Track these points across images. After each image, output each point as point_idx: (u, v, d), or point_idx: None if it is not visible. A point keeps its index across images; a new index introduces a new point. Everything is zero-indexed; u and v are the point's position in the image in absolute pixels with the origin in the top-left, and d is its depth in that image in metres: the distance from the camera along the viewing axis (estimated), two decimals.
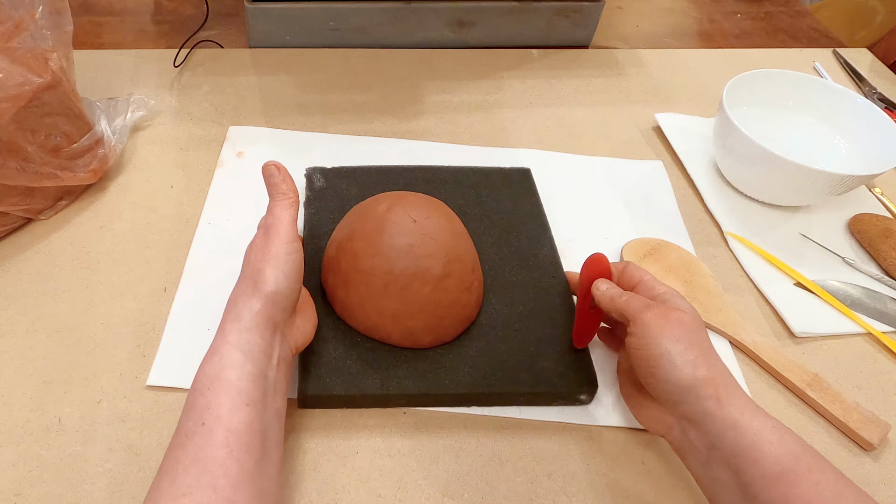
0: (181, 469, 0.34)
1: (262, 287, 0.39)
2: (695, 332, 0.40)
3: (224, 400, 0.36)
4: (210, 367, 0.37)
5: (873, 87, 0.81)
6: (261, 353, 0.38)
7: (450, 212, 0.50)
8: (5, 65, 0.48)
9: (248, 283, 0.40)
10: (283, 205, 0.43)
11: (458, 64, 0.78)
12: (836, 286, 0.57)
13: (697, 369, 0.38)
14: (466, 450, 0.45)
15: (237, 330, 0.38)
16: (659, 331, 0.39)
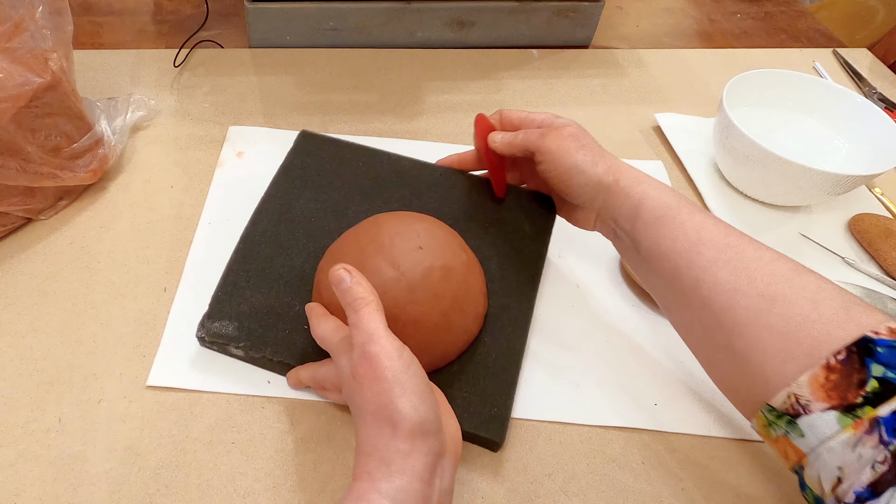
0: None
1: (402, 424, 0.33)
2: (585, 138, 0.48)
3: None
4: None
5: (873, 87, 0.81)
6: (419, 499, 0.33)
7: (452, 249, 0.46)
8: (5, 65, 0.48)
9: (382, 424, 0.34)
10: (368, 314, 0.36)
11: (458, 64, 0.78)
12: None
13: (598, 165, 0.46)
14: (466, 451, 0.45)
15: (387, 475, 0.33)
16: (560, 150, 0.47)
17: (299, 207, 0.53)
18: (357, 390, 0.35)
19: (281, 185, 0.55)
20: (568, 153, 0.47)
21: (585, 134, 0.48)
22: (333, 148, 0.58)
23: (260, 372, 0.47)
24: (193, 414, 0.45)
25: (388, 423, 0.33)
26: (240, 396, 0.46)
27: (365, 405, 0.35)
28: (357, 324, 0.36)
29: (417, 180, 0.56)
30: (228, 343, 0.46)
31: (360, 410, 0.35)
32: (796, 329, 0.35)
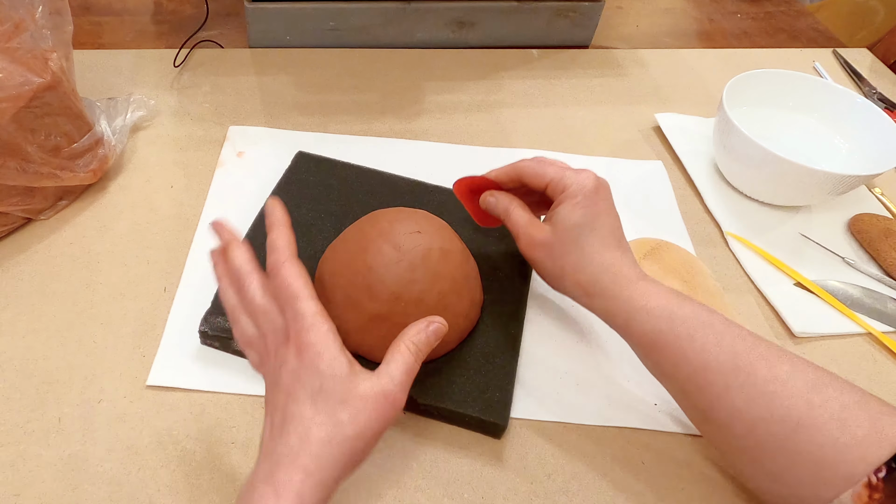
0: None
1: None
2: (558, 247, 0.44)
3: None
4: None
5: (873, 87, 0.81)
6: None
7: (449, 236, 0.48)
8: (5, 65, 0.48)
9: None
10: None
11: (458, 64, 0.78)
12: (836, 286, 0.57)
13: (566, 278, 0.44)
14: (466, 450, 0.45)
15: (316, 485, 0.32)
16: (529, 260, 0.46)
17: (298, 216, 0.55)
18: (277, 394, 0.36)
19: (279, 198, 0.55)
20: (538, 264, 0.46)
21: (565, 236, 0.43)
22: (329, 167, 0.60)
23: None
24: (193, 414, 0.45)
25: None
26: (240, 396, 0.46)
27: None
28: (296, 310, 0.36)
29: (411, 195, 0.58)
30: (231, 337, 0.46)
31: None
32: (829, 456, 0.34)
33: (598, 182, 0.44)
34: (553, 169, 0.45)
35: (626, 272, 0.42)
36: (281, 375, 0.35)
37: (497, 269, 0.53)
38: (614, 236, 0.44)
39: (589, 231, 0.43)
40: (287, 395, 0.35)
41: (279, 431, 0.34)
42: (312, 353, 0.35)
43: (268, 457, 0.34)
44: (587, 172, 0.44)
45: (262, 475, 0.33)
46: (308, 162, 0.60)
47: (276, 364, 0.36)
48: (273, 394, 0.36)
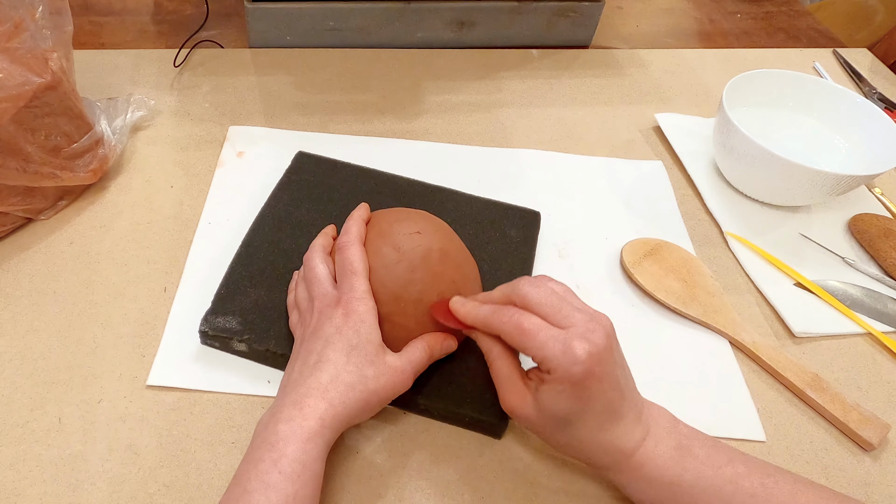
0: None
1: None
2: (542, 427, 0.39)
3: (311, 493, 0.36)
4: (302, 452, 0.36)
5: (873, 87, 0.81)
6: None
7: (449, 236, 0.48)
8: (5, 65, 0.48)
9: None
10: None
11: (458, 64, 0.78)
12: (836, 286, 0.57)
13: (556, 447, 0.41)
14: (466, 450, 0.45)
15: (335, 417, 0.38)
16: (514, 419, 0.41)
17: (298, 216, 0.55)
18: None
19: (280, 198, 0.57)
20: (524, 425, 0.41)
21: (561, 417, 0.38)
22: (329, 167, 0.60)
23: (260, 371, 0.47)
24: (193, 414, 0.45)
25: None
26: (240, 396, 0.46)
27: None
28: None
29: (411, 195, 0.58)
30: (231, 337, 0.46)
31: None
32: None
33: (590, 365, 0.35)
34: (537, 340, 0.36)
35: (623, 446, 0.38)
36: (324, 327, 0.41)
37: (497, 269, 0.53)
38: (609, 411, 0.38)
39: (577, 417, 0.37)
40: (326, 342, 0.40)
41: (311, 370, 0.39)
42: (356, 318, 0.41)
43: (296, 387, 0.39)
44: (579, 348, 0.35)
45: (289, 400, 0.38)
46: (308, 162, 0.60)
47: (321, 320, 0.42)
48: (311, 342, 0.41)
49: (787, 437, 0.48)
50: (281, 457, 0.36)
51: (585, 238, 0.60)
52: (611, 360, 0.37)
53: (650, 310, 0.55)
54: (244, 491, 0.35)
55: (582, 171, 0.67)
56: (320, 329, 0.41)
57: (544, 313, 0.37)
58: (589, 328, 0.36)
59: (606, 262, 0.58)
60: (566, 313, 0.37)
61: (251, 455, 0.37)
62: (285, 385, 0.40)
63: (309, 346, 0.41)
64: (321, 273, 0.44)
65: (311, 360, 0.40)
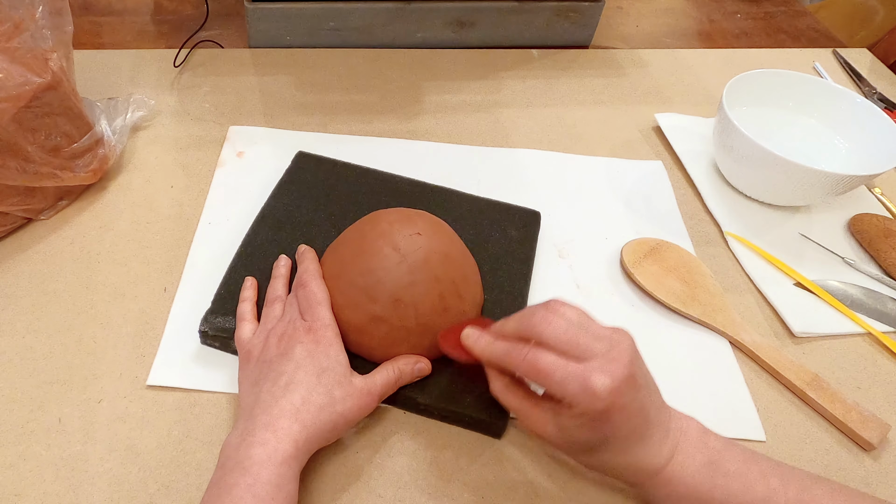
0: None
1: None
2: (565, 449, 0.39)
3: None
4: (277, 476, 0.36)
5: (873, 87, 0.81)
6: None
7: (449, 237, 0.48)
8: (5, 65, 0.48)
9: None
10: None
11: (458, 64, 0.78)
12: (836, 286, 0.57)
13: (580, 462, 0.41)
14: (466, 450, 0.45)
15: (307, 440, 0.39)
16: (551, 442, 0.39)
17: (298, 217, 0.55)
18: None
19: (280, 198, 0.57)
20: (556, 447, 0.41)
21: (584, 445, 0.38)
22: (329, 167, 0.60)
23: None
24: (193, 414, 0.45)
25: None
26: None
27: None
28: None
29: (411, 195, 0.58)
30: (231, 337, 0.46)
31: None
32: None
33: (611, 400, 0.34)
34: (556, 375, 0.35)
35: (650, 464, 0.38)
36: (294, 350, 0.42)
37: (497, 269, 0.53)
38: (635, 435, 0.37)
39: (603, 445, 0.37)
40: (297, 365, 0.41)
41: (283, 391, 0.40)
42: (325, 343, 0.42)
43: (268, 409, 0.39)
44: (599, 383, 0.34)
45: (261, 422, 0.38)
46: (308, 162, 0.60)
47: (291, 343, 0.42)
48: (281, 364, 0.41)
49: (787, 437, 0.48)
50: (255, 482, 0.36)
51: (585, 238, 0.60)
52: (633, 388, 0.35)
53: (650, 310, 0.55)
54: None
55: (582, 171, 0.67)
56: (290, 352, 0.42)
57: (561, 349, 0.36)
58: (609, 358, 0.35)
59: (606, 262, 0.58)
60: (584, 346, 0.36)
61: (224, 479, 0.36)
62: (253, 406, 0.40)
63: (279, 367, 0.41)
64: (275, 307, 0.46)
65: (282, 382, 0.40)
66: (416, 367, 0.45)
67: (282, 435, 0.38)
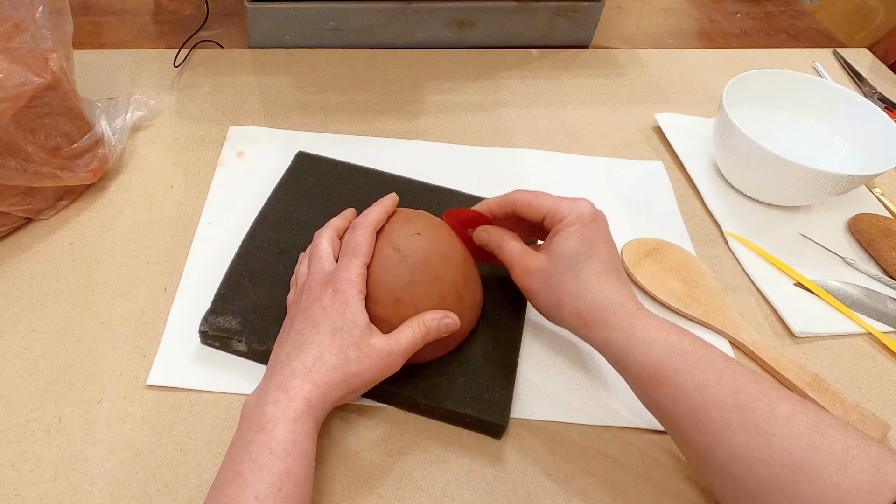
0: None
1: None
2: (555, 275, 0.43)
3: (303, 469, 0.37)
4: (291, 432, 0.37)
5: (873, 87, 0.81)
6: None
7: (449, 237, 0.48)
8: (5, 65, 0.48)
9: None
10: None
11: (458, 64, 0.78)
12: (836, 286, 0.57)
13: (563, 307, 0.43)
14: (466, 450, 0.45)
15: (321, 398, 0.39)
16: (524, 290, 0.45)
17: (298, 217, 0.55)
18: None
19: (280, 197, 0.57)
20: (530, 294, 0.45)
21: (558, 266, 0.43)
22: (329, 167, 0.60)
23: (260, 371, 0.47)
24: (193, 414, 0.45)
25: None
26: (240, 396, 0.46)
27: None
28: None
29: (411, 195, 0.58)
30: (231, 337, 0.46)
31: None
32: (829, 501, 0.33)
33: (596, 211, 0.44)
34: (549, 200, 0.44)
35: (625, 303, 0.42)
36: (313, 308, 0.42)
37: (497, 268, 0.53)
38: (613, 266, 0.43)
39: (586, 259, 0.42)
40: (314, 325, 0.41)
41: (297, 352, 0.40)
42: (342, 300, 0.41)
43: (282, 370, 0.40)
44: (584, 201, 0.44)
45: (275, 383, 0.39)
46: (308, 162, 0.60)
47: (310, 299, 0.42)
48: (300, 322, 0.42)
49: None
50: (270, 438, 0.37)
51: None
52: (608, 226, 0.44)
53: (650, 309, 0.54)
54: (237, 473, 0.36)
55: (582, 171, 0.67)
56: (309, 310, 0.42)
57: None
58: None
59: None
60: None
61: (241, 437, 0.37)
62: (272, 366, 0.41)
63: (298, 326, 0.42)
64: (323, 250, 0.45)
65: (298, 342, 0.41)
66: (442, 323, 0.43)
67: (293, 394, 0.38)
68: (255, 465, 0.36)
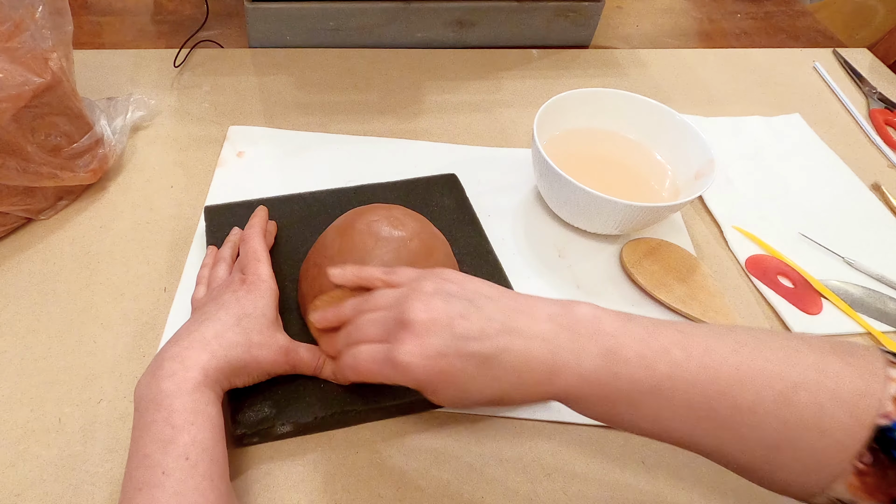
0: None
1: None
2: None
3: (209, 434, 0.36)
4: (192, 401, 0.37)
5: (873, 87, 0.81)
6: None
7: (424, 223, 0.48)
8: (5, 65, 0.48)
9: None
10: None
11: (458, 64, 0.78)
12: (836, 286, 0.57)
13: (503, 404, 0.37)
14: (466, 450, 0.45)
15: (217, 369, 0.39)
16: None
17: None
18: None
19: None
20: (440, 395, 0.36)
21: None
22: (246, 210, 0.54)
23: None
24: None
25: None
26: None
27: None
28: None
29: (335, 203, 0.56)
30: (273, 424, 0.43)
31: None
32: (810, 465, 0.32)
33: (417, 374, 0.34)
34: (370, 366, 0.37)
35: (539, 378, 0.34)
36: (224, 295, 0.43)
37: (456, 238, 0.54)
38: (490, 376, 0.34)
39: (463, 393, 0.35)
40: (220, 305, 0.42)
41: (197, 325, 0.40)
42: (256, 294, 0.43)
43: (177, 342, 0.39)
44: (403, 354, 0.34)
45: (169, 355, 0.38)
46: (220, 214, 0.55)
47: (222, 290, 0.44)
48: (209, 305, 0.43)
49: None
50: (171, 413, 0.36)
51: (585, 238, 0.60)
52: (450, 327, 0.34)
53: (650, 310, 0.55)
54: (144, 456, 0.35)
55: None
56: (220, 297, 0.43)
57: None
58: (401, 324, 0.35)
59: (606, 262, 0.58)
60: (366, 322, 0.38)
61: (140, 420, 0.37)
62: (169, 342, 0.40)
63: (203, 308, 0.43)
64: (220, 269, 0.48)
65: (200, 318, 0.41)
66: (328, 370, 0.44)
67: (189, 363, 0.38)
68: (160, 442, 0.35)
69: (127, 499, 0.34)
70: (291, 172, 0.62)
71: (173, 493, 0.34)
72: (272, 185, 0.61)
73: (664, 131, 0.62)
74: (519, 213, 0.61)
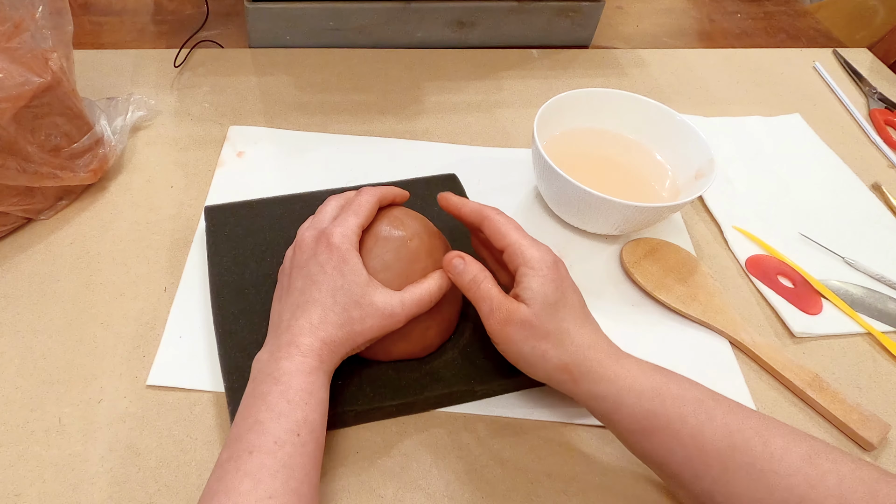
0: (267, 474, 0.35)
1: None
2: (539, 326, 0.40)
3: (318, 417, 0.38)
4: (308, 383, 0.39)
5: (873, 87, 0.81)
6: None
7: (424, 223, 0.48)
8: (5, 65, 0.48)
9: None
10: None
11: (458, 64, 0.78)
12: (836, 286, 0.57)
13: (548, 361, 0.40)
14: (466, 450, 0.45)
15: (331, 353, 0.40)
16: (503, 340, 0.41)
17: (251, 274, 0.51)
18: None
19: (220, 264, 0.52)
20: (509, 344, 0.41)
21: (543, 313, 0.40)
22: (247, 210, 0.55)
23: None
24: (193, 414, 0.45)
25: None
26: None
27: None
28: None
29: None
30: None
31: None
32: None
33: (557, 257, 0.43)
34: (514, 235, 0.43)
35: (608, 349, 0.40)
36: (309, 265, 0.42)
37: (455, 239, 0.53)
38: (585, 312, 0.42)
39: (563, 307, 0.41)
40: (313, 282, 0.42)
41: (301, 311, 0.41)
42: (339, 257, 0.42)
43: (288, 328, 0.41)
44: (545, 246, 0.43)
45: (284, 341, 0.40)
46: (221, 214, 0.55)
47: (307, 255, 0.43)
48: (300, 280, 0.42)
49: None
50: (287, 388, 0.38)
51: (585, 238, 0.60)
52: (567, 271, 0.44)
53: (650, 310, 0.55)
54: (256, 421, 0.36)
55: None
56: (306, 266, 0.42)
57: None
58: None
59: (606, 262, 0.58)
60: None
61: (257, 390, 0.38)
62: (278, 324, 0.42)
63: (298, 283, 0.42)
64: (328, 209, 0.46)
65: (301, 301, 0.41)
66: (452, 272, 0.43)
67: (305, 349, 0.39)
68: (274, 412, 0.37)
69: (234, 457, 0.35)
70: (291, 172, 0.62)
71: (282, 465, 0.35)
72: (272, 185, 0.61)
73: (664, 131, 0.62)
74: (519, 213, 0.61)
